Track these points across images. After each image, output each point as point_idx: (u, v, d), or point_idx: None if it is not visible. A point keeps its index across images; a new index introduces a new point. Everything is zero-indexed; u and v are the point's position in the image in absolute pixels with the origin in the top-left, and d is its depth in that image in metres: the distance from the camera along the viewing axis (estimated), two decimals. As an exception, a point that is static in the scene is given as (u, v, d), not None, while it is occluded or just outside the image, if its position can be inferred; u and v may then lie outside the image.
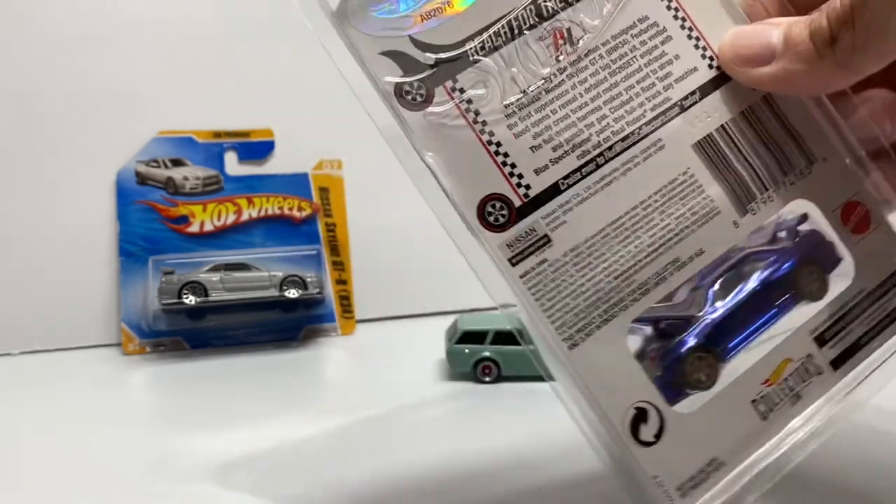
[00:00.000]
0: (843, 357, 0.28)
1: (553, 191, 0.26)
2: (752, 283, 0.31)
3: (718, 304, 0.30)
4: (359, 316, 0.63)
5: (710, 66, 0.28)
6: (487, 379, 0.48)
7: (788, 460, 0.27)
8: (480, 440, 0.39)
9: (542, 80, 0.27)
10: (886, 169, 0.30)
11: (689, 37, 0.28)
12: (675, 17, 0.28)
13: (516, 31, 0.27)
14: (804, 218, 0.30)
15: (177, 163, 0.62)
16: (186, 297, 0.57)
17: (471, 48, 0.26)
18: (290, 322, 0.61)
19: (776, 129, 0.29)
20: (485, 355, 0.48)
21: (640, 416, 0.26)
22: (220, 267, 0.59)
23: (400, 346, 0.59)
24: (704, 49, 0.28)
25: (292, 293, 0.59)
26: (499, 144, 0.26)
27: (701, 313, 0.30)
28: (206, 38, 0.64)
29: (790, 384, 0.27)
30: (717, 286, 0.30)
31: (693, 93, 0.28)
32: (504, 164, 0.26)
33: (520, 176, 0.26)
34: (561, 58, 0.27)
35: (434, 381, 0.49)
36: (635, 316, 0.26)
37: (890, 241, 0.30)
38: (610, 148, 0.27)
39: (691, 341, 0.29)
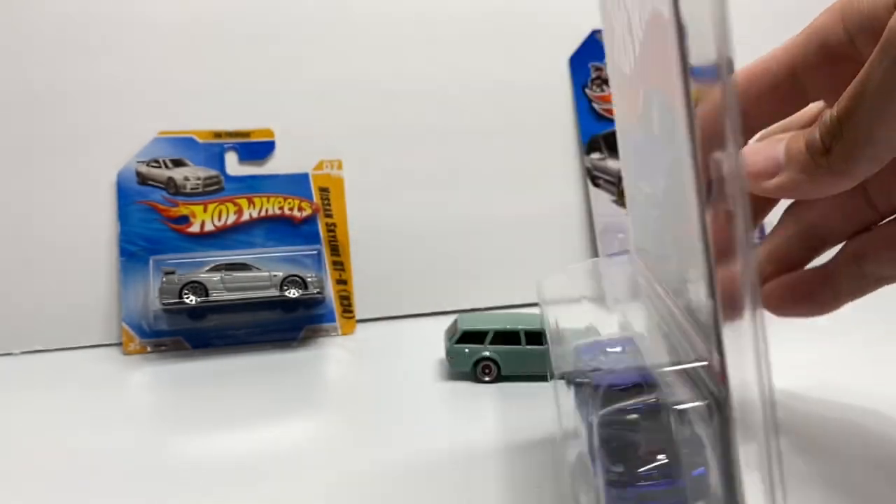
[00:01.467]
0: None
1: None
2: None
3: None
4: (359, 316, 0.63)
5: None
6: (487, 378, 0.48)
7: None
8: (480, 440, 0.39)
9: None
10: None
11: None
12: None
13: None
14: None
15: (177, 163, 0.62)
16: (187, 297, 0.57)
17: None
18: (290, 322, 0.61)
19: None
20: (485, 355, 0.48)
21: None
22: (221, 267, 0.60)
23: (400, 346, 0.59)
24: None
25: (293, 293, 0.59)
26: None
27: None
28: (206, 37, 0.64)
29: None
30: None
31: None
32: None
33: None
34: None
35: (434, 380, 0.49)
36: None
37: None
38: None
39: None
